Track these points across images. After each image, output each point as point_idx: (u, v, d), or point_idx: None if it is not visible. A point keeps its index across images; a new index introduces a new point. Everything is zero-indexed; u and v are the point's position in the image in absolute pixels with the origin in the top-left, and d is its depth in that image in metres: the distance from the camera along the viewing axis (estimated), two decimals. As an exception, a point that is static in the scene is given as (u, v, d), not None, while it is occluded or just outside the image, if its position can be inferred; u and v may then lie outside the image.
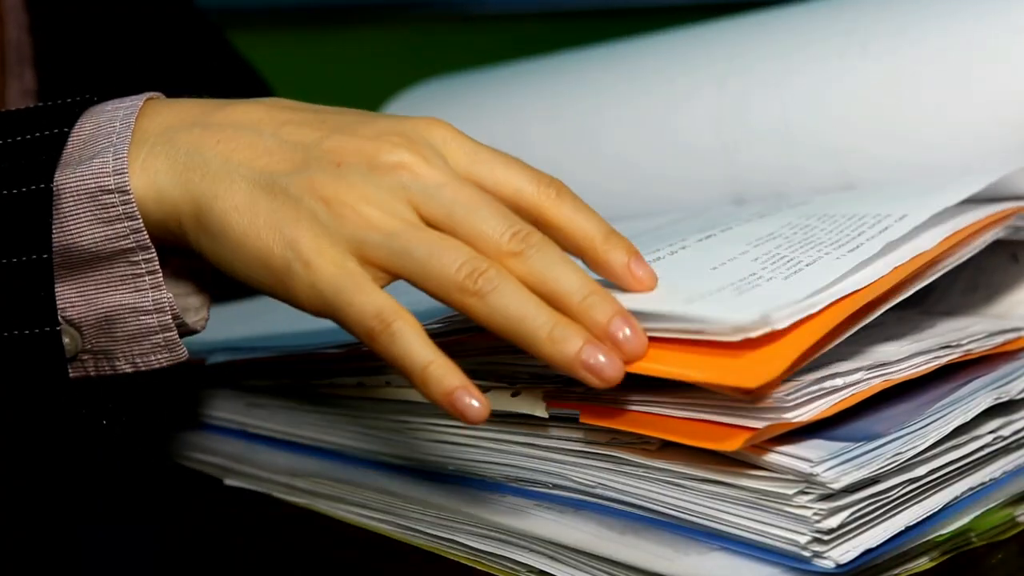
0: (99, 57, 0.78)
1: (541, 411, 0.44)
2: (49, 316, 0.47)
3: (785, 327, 0.39)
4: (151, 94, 0.49)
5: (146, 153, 0.47)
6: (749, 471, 0.40)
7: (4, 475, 0.52)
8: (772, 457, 0.39)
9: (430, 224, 0.45)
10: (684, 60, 0.68)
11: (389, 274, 0.45)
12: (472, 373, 0.46)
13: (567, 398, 0.44)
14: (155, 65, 0.83)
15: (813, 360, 0.41)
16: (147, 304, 0.48)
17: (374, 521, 0.51)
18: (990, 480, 0.43)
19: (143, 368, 0.49)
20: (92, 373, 0.49)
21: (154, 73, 0.82)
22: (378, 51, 1.87)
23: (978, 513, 0.43)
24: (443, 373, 0.43)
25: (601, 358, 0.41)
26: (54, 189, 0.46)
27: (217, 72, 0.90)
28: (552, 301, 0.43)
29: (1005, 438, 0.44)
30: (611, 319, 0.41)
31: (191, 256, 0.48)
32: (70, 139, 0.47)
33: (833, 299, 0.41)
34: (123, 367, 0.49)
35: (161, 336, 0.48)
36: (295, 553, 0.50)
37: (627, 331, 0.41)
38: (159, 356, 0.49)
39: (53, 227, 0.47)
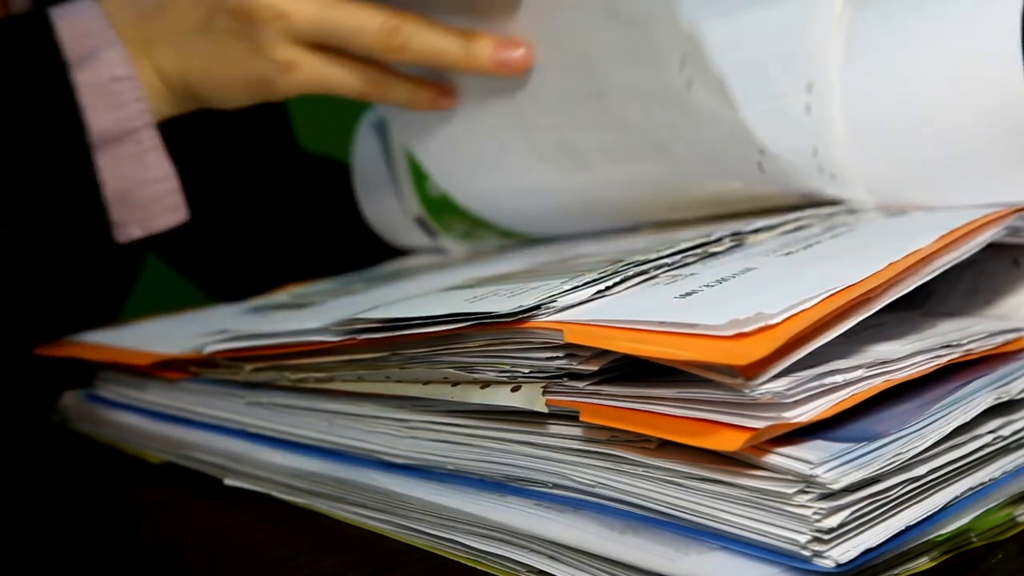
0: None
1: (541, 406, 0.44)
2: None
3: (779, 321, 0.39)
4: None
5: (134, 47, 0.58)
6: (749, 470, 0.40)
7: None
8: (772, 458, 0.39)
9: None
10: None
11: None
12: (471, 367, 0.46)
13: (567, 394, 0.44)
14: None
15: (812, 358, 0.41)
16: (156, 174, 0.58)
17: (374, 521, 0.51)
18: (990, 480, 0.43)
19: (153, 231, 0.60)
20: None
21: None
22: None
23: (978, 513, 0.43)
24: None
25: (509, 53, 0.56)
26: (73, 84, 0.56)
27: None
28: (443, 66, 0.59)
29: (1005, 438, 0.44)
30: (494, 51, 0.56)
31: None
32: (59, 44, 0.57)
33: (827, 292, 0.41)
34: (134, 232, 0.59)
35: (169, 200, 0.59)
36: (295, 553, 0.50)
37: (511, 52, 0.57)
38: (167, 218, 0.60)
39: None
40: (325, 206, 0.91)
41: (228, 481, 0.57)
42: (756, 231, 0.54)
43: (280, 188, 0.90)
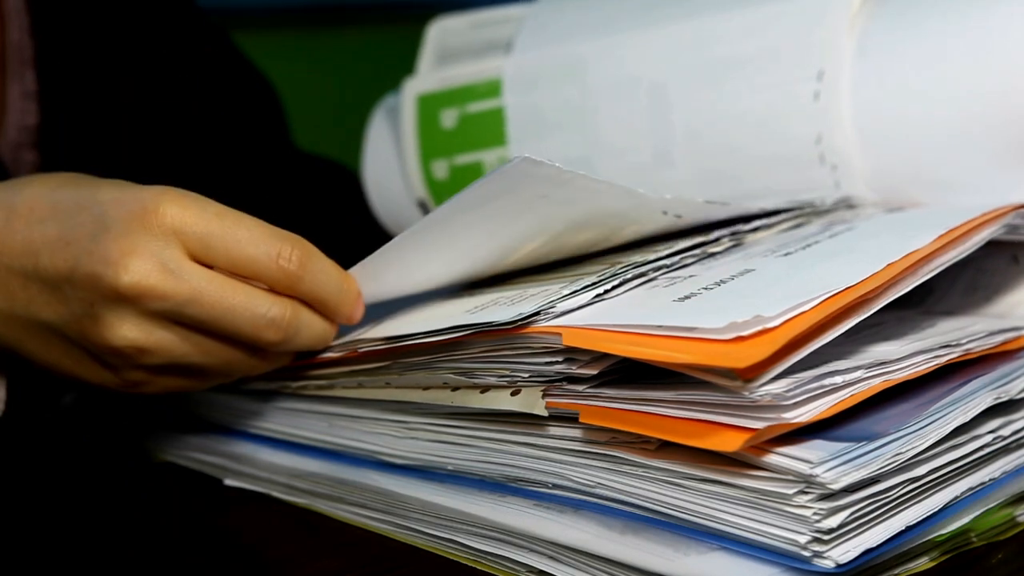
0: (101, 59, 0.78)
1: (540, 409, 0.44)
2: None
3: (777, 324, 0.39)
4: None
5: None
6: (749, 471, 0.40)
7: None
8: (772, 458, 0.39)
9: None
10: None
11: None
12: (471, 371, 0.46)
13: (567, 397, 0.44)
14: (157, 67, 0.83)
15: (812, 359, 0.41)
16: None
17: (374, 521, 0.51)
18: (990, 480, 0.43)
19: None
20: None
21: (156, 75, 0.82)
22: (378, 51, 1.87)
23: (978, 513, 0.43)
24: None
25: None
26: None
27: (221, 73, 0.90)
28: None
29: (1005, 438, 0.44)
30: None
31: None
32: None
33: (826, 295, 0.41)
34: None
35: None
36: (295, 553, 0.50)
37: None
38: None
39: None
40: (322, 206, 0.91)
41: (228, 481, 0.57)
42: (755, 230, 0.54)
43: (277, 188, 0.90)
